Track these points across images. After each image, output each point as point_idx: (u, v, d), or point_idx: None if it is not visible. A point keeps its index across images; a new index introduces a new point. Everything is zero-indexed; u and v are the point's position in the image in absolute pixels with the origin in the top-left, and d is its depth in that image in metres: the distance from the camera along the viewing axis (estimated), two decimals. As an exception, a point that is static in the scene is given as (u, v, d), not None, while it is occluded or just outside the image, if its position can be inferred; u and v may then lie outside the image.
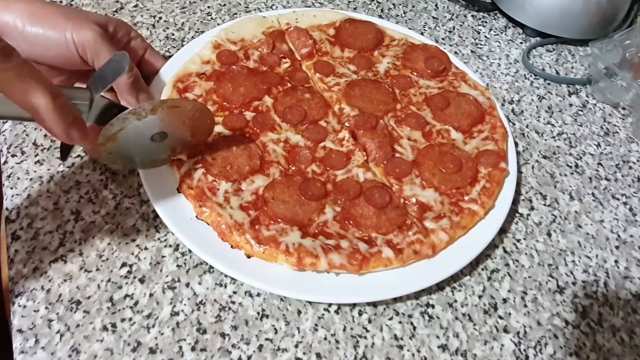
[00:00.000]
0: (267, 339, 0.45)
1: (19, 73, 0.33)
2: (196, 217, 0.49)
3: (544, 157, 0.64)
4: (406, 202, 0.53)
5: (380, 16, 0.78)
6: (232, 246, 0.48)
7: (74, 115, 0.38)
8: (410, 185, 0.54)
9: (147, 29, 0.70)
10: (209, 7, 0.75)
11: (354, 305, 0.48)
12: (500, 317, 0.49)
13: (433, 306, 0.49)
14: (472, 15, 0.82)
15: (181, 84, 0.58)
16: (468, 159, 0.57)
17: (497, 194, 0.55)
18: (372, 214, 0.51)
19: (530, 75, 0.74)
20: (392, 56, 0.67)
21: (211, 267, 0.49)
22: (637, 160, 0.65)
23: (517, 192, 0.59)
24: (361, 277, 0.48)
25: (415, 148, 0.58)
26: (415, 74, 0.65)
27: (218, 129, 0.55)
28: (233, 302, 0.47)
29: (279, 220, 0.49)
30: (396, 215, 0.51)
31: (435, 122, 0.61)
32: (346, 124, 0.59)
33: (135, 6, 0.74)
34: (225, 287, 0.48)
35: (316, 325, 0.47)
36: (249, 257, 0.47)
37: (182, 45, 0.67)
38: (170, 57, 0.62)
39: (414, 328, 0.47)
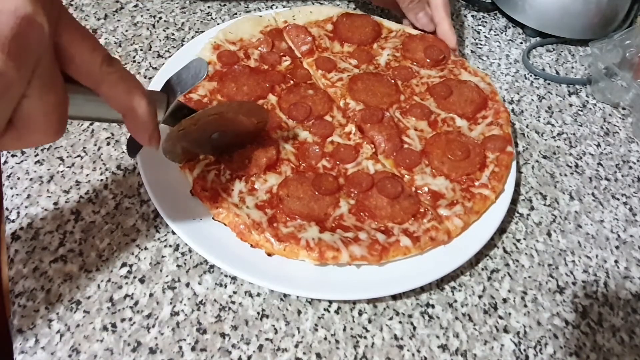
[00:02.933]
0: (267, 339, 0.45)
1: (122, 77, 0.35)
2: (213, 218, 0.49)
3: (544, 157, 0.64)
4: (418, 191, 0.54)
5: (380, 16, 0.78)
6: (252, 245, 0.48)
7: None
8: (421, 174, 0.55)
9: (147, 29, 0.70)
10: (209, 7, 0.75)
11: (354, 304, 0.48)
12: (500, 317, 0.49)
13: (433, 306, 0.49)
14: (472, 15, 0.82)
15: None
16: (475, 145, 0.57)
17: (506, 177, 0.55)
18: (386, 204, 0.51)
19: (530, 75, 0.74)
20: (391, 48, 0.67)
21: (211, 266, 0.49)
22: (637, 160, 0.65)
23: (517, 192, 0.59)
24: (381, 272, 0.48)
25: (422, 138, 0.58)
26: (415, 64, 0.66)
27: None
28: (233, 302, 0.47)
29: (296, 216, 0.49)
30: (409, 204, 0.51)
31: (439, 111, 0.61)
32: (355, 119, 0.59)
33: (135, 6, 0.74)
34: (225, 287, 0.48)
35: (316, 325, 0.47)
36: (269, 255, 0.47)
37: (182, 45, 0.67)
38: (170, 56, 0.62)
39: (414, 328, 0.47)
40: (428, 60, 0.65)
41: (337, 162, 0.55)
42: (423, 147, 0.57)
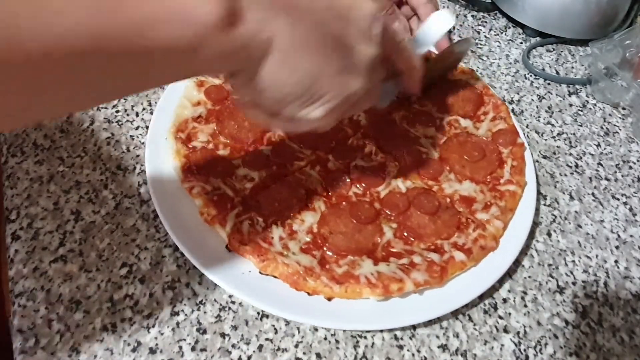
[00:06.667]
0: (267, 339, 0.45)
1: (407, 47, 0.47)
2: (260, 272, 0.46)
3: (544, 157, 0.64)
4: (448, 199, 0.53)
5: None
6: (309, 294, 0.45)
7: None
8: (447, 182, 0.55)
9: (147, 29, 0.70)
10: (209, 7, 0.75)
11: (354, 305, 0.48)
12: (500, 317, 0.49)
13: (433, 306, 0.49)
14: (472, 15, 0.82)
15: (182, 133, 0.54)
16: (487, 143, 0.58)
17: (524, 169, 0.56)
18: (428, 221, 0.50)
19: (530, 75, 0.74)
20: None
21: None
22: (637, 160, 0.65)
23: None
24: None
25: (435, 145, 0.58)
26: None
27: (242, 172, 0.52)
28: (233, 302, 0.47)
29: (345, 253, 0.47)
30: (449, 217, 0.51)
31: (442, 115, 0.61)
32: (369, 133, 0.58)
33: (135, 6, 0.73)
34: (225, 287, 0.48)
35: (316, 325, 0.47)
36: (329, 299, 0.45)
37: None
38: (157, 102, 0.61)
39: (414, 328, 0.47)
40: None
41: (363, 184, 0.53)
42: (439, 154, 0.57)
